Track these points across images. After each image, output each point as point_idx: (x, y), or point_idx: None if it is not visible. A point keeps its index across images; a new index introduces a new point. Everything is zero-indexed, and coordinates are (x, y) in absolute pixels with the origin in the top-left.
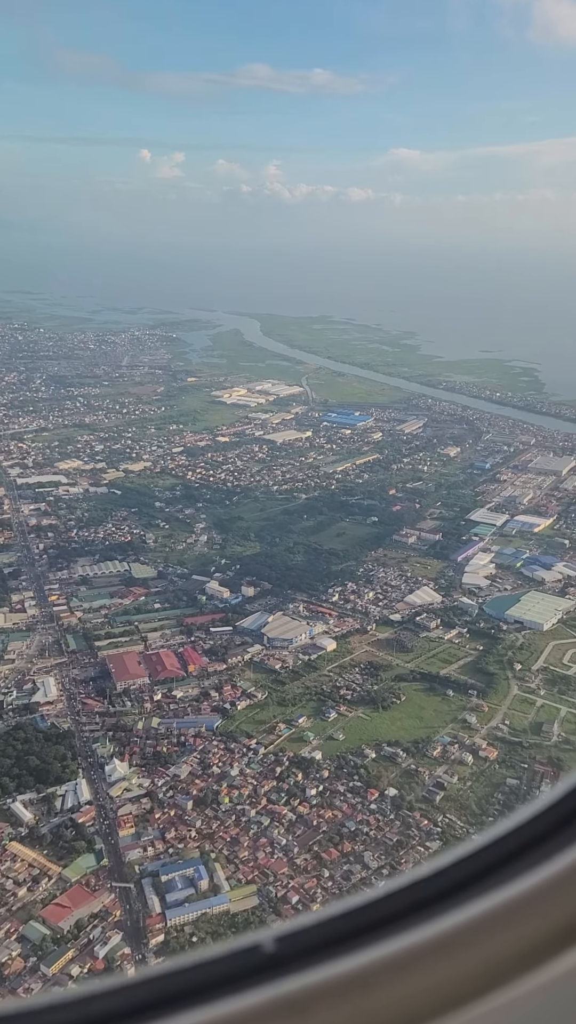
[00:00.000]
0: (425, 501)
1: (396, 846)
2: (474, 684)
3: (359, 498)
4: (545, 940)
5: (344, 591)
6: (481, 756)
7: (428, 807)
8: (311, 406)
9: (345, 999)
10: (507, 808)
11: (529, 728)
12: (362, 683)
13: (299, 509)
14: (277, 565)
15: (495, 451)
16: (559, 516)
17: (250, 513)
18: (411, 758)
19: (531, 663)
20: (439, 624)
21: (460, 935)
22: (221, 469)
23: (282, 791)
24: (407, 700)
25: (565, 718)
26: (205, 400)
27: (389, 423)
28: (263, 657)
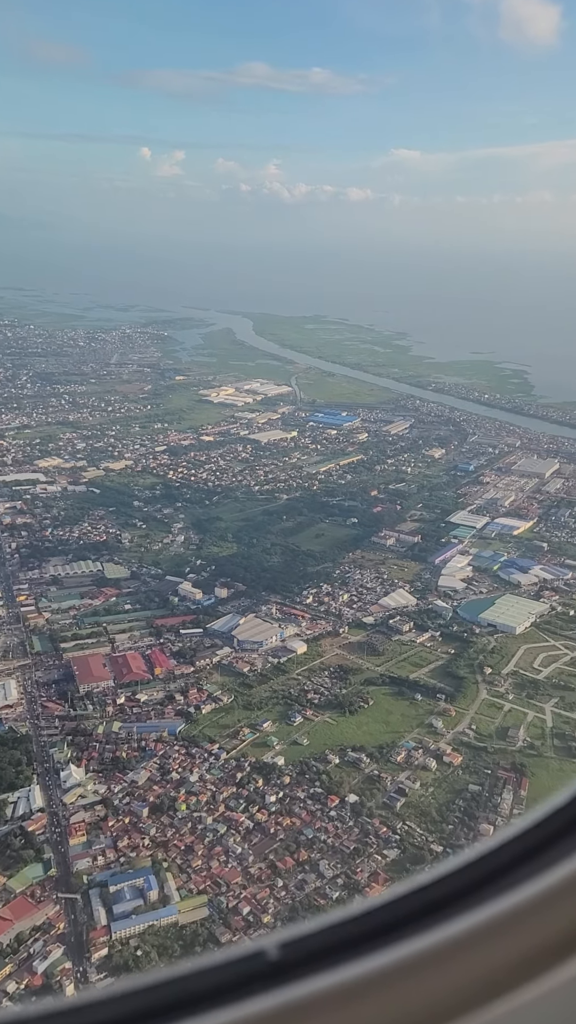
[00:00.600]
0: (407, 503)
1: (353, 854)
2: (443, 688)
3: (340, 499)
4: (545, 950)
5: (319, 593)
6: (445, 762)
7: (388, 814)
8: (298, 406)
9: (347, 1006)
10: (467, 815)
11: (495, 733)
12: (331, 687)
13: (279, 510)
14: (253, 566)
15: (480, 453)
16: (539, 519)
17: (230, 513)
18: (375, 763)
19: (502, 667)
20: (412, 627)
21: (460, 944)
22: (203, 468)
23: (241, 798)
24: (375, 704)
25: (532, 723)
26: (192, 399)
27: (376, 424)
28: (232, 660)
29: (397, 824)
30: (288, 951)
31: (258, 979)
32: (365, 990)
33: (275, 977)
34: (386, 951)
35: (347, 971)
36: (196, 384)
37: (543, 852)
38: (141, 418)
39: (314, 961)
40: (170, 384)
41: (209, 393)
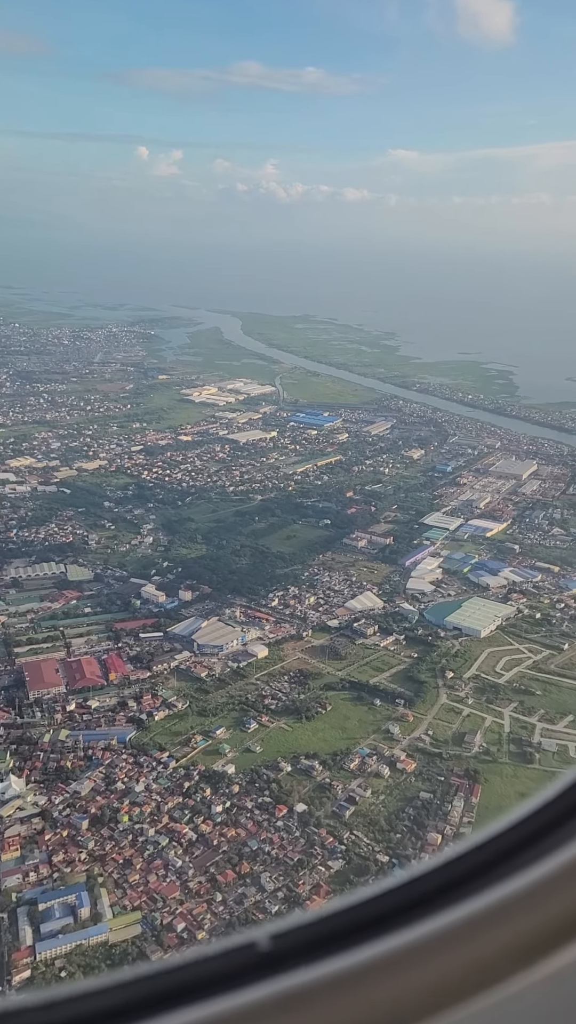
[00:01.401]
0: (381, 504)
1: (296, 866)
2: (403, 693)
3: (315, 500)
4: (540, 937)
5: (285, 596)
6: (398, 768)
7: (336, 823)
8: (280, 406)
9: (341, 996)
10: (416, 824)
11: (451, 738)
12: (289, 692)
13: (252, 511)
14: (220, 568)
15: (459, 454)
16: (513, 521)
17: (201, 514)
18: (327, 771)
19: (464, 671)
20: (376, 631)
21: (455, 933)
22: (179, 469)
23: (187, 808)
24: (333, 710)
25: (489, 727)
26: (174, 398)
27: (357, 424)
28: (190, 664)
29: (344, 834)
30: (281, 941)
31: (251, 969)
32: (360, 980)
33: (268, 967)
34: (381, 940)
35: (342, 960)
36: (179, 383)
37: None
38: (120, 417)
39: (309, 951)
40: (152, 383)
41: (191, 392)
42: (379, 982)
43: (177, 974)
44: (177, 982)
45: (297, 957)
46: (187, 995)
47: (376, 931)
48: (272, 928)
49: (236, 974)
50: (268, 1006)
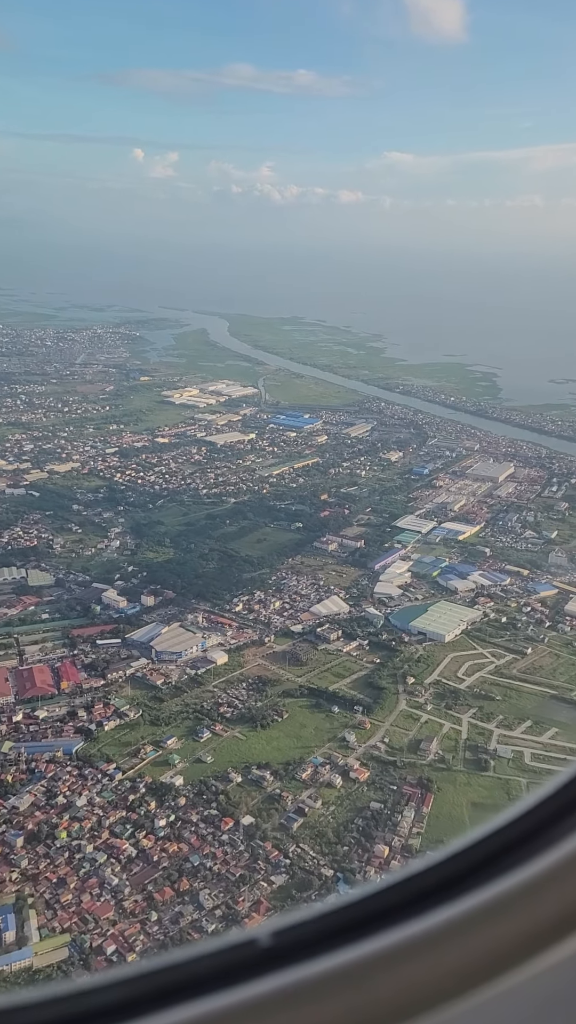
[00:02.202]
0: (356, 507)
1: (238, 882)
2: (361, 700)
3: (289, 503)
4: (539, 931)
5: (250, 600)
6: (351, 778)
7: (283, 836)
8: (262, 407)
9: (341, 992)
10: (364, 835)
11: (407, 746)
12: (246, 699)
13: (224, 514)
14: (186, 573)
15: (437, 456)
16: (487, 523)
17: (172, 517)
18: (278, 781)
19: (425, 676)
20: (340, 636)
21: (455, 927)
22: (153, 471)
23: (129, 822)
24: (289, 718)
25: (447, 734)
26: (154, 400)
27: (337, 426)
28: (147, 672)
29: (290, 847)
30: (282, 938)
31: (252, 965)
32: (360, 976)
33: (269, 963)
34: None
35: (342, 956)
36: (160, 385)
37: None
38: (97, 419)
39: (309, 947)
40: (133, 385)
41: (172, 394)
42: (380, 977)
43: (179, 970)
44: (179, 978)
45: (298, 953)
46: (189, 991)
47: (377, 926)
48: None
49: (237, 970)
50: (270, 1001)
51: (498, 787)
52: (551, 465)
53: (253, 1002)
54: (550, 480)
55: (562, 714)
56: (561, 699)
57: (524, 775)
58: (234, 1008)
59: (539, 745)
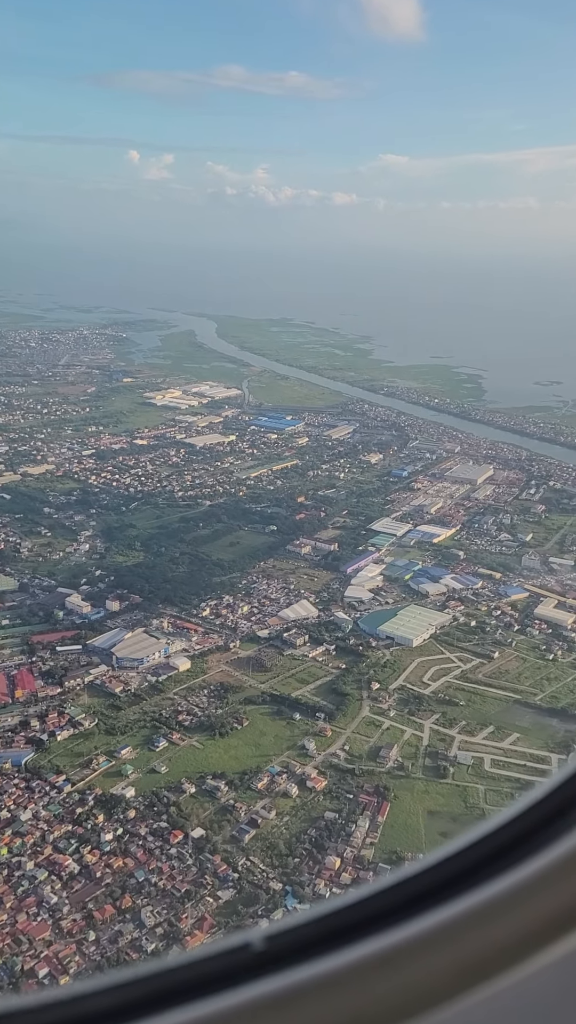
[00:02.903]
0: (332, 509)
1: (183, 898)
2: (324, 706)
3: (265, 505)
4: (533, 933)
5: (218, 605)
6: (308, 787)
7: (234, 848)
8: (244, 409)
9: (336, 996)
10: (316, 846)
11: (367, 754)
12: (206, 707)
13: (198, 516)
14: (155, 577)
15: (417, 458)
16: (463, 526)
17: (145, 520)
18: (233, 792)
19: (390, 682)
20: (307, 641)
21: (448, 930)
22: (128, 473)
23: (75, 837)
24: (249, 725)
25: (408, 741)
26: (136, 401)
27: (319, 428)
28: (106, 679)
29: (240, 860)
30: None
31: (245, 970)
32: (353, 979)
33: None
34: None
35: (335, 960)
36: (143, 386)
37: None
38: (76, 421)
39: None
40: (116, 386)
41: (154, 396)
42: (374, 980)
43: (172, 975)
44: (172, 982)
45: (292, 956)
46: (182, 995)
47: (370, 930)
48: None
49: (230, 974)
50: (264, 1006)
51: (456, 795)
52: (530, 467)
53: (247, 1006)
54: (528, 482)
55: (525, 719)
56: (525, 704)
57: (483, 782)
58: (228, 1012)
59: (500, 751)
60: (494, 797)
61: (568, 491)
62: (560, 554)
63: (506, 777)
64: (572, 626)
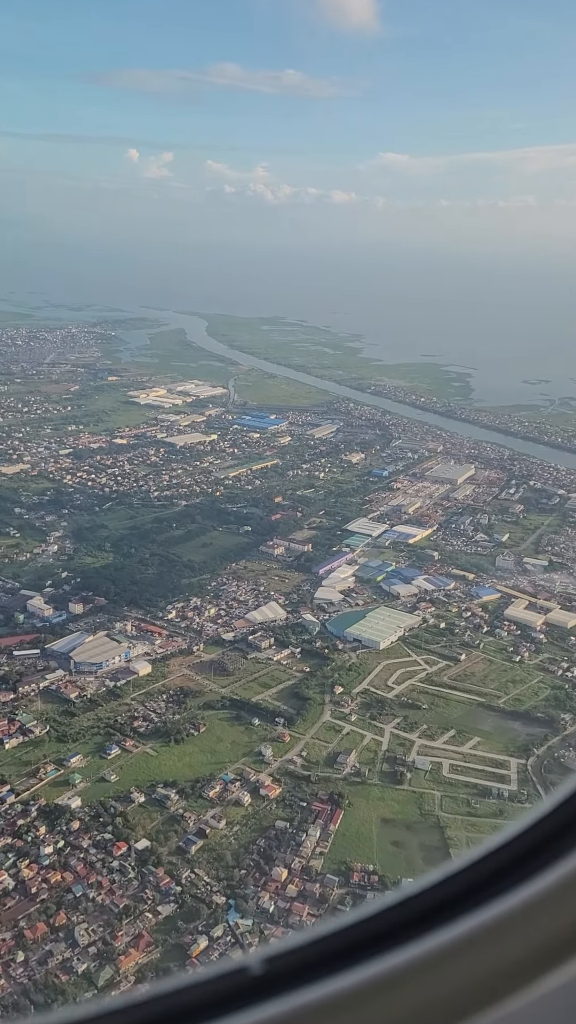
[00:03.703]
0: (309, 510)
1: (121, 914)
2: (285, 711)
3: (241, 506)
4: (538, 955)
5: (185, 607)
6: (261, 795)
7: (179, 860)
8: (229, 408)
9: (335, 1020)
10: (265, 857)
11: (324, 760)
12: (164, 712)
13: (173, 517)
14: (122, 579)
15: (399, 458)
16: (440, 527)
17: (117, 521)
18: (183, 800)
19: (354, 686)
20: (272, 644)
21: (450, 952)
22: (105, 473)
23: (13, 850)
24: (206, 731)
25: (367, 746)
26: (119, 400)
27: (302, 427)
28: (62, 684)
29: (184, 873)
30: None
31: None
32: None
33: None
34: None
35: (335, 983)
36: (128, 385)
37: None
38: (57, 419)
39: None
40: (100, 385)
41: (138, 394)
42: (375, 1004)
43: (170, 999)
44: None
45: (292, 980)
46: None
47: (371, 951)
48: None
49: (228, 999)
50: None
51: (411, 801)
52: (512, 467)
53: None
54: (509, 482)
55: (487, 722)
56: (488, 707)
57: (439, 788)
58: None
59: (459, 755)
60: (450, 804)
61: (548, 491)
62: (535, 555)
63: (463, 782)
64: (540, 627)
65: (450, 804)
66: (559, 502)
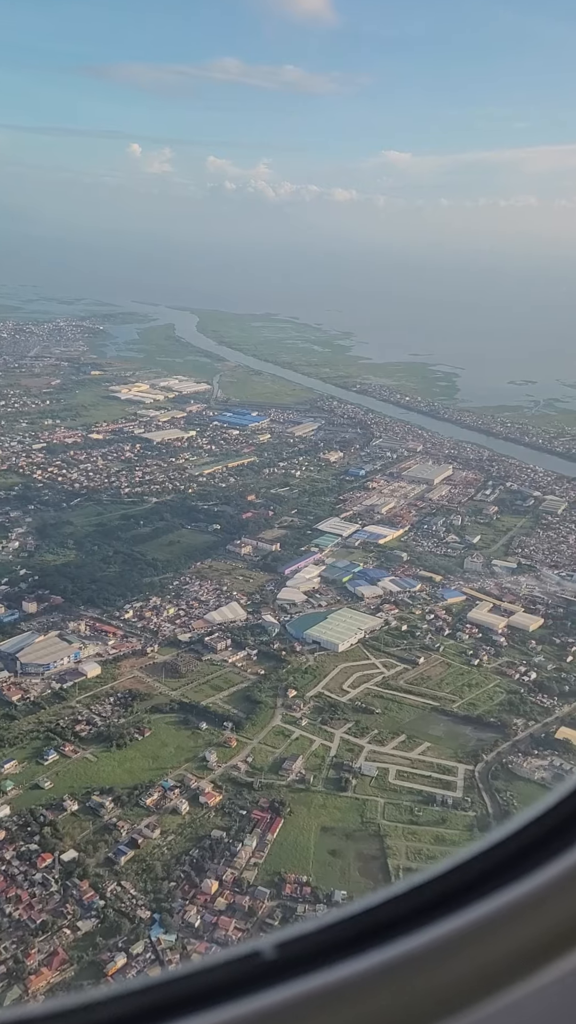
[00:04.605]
0: (281, 508)
1: (38, 930)
2: (234, 715)
3: (213, 504)
4: (542, 944)
5: (143, 607)
6: (200, 803)
7: (106, 872)
8: (211, 405)
9: (344, 1005)
10: (196, 868)
11: (270, 766)
12: (110, 716)
13: (141, 514)
14: (82, 577)
15: (377, 457)
16: (412, 527)
17: (84, 518)
18: (119, 809)
19: (308, 689)
20: (229, 645)
21: (457, 940)
22: (77, 468)
23: None
24: (151, 736)
25: (315, 751)
26: (100, 395)
27: (283, 425)
28: (4, 686)
29: (110, 886)
30: (286, 950)
31: (255, 978)
32: (362, 988)
33: (273, 976)
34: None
35: (345, 969)
36: (110, 380)
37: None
38: (34, 413)
39: (312, 960)
40: (82, 379)
41: (120, 389)
42: (382, 990)
43: (182, 983)
44: (182, 991)
45: (301, 965)
46: (192, 1004)
47: (379, 939)
48: (276, 937)
49: (240, 983)
50: (272, 1015)
51: (354, 809)
52: (490, 468)
53: (255, 1015)
54: (486, 483)
55: (439, 727)
56: (441, 711)
57: (384, 794)
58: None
59: (407, 761)
60: (392, 811)
61: (523, 492)
62: (504, 557)
63: (408, 789)
64: (502, 630)
65: (392, 812)
66: (533, 504)
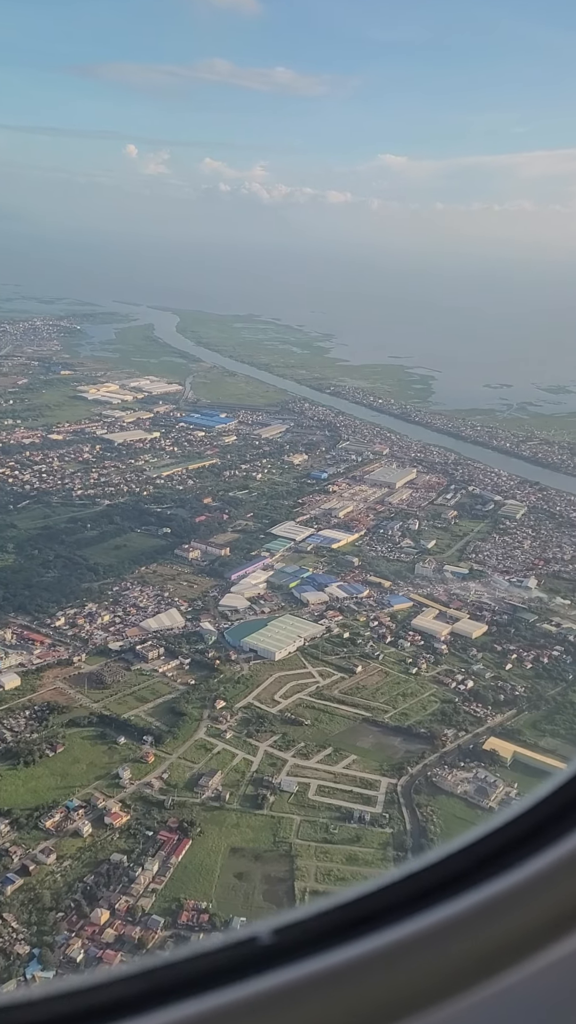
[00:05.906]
0: (237, 512)
1: None
2: (156, 728)
3: (167, 506)
4: (539, 929)
5: (77, 614)
6: (105, 824)
7: None
8: (180, 405)
9: (341, 989)
10: (88, 897)
11: (186, 782)
12: (22, 730)
13: (91, 517)
14: (17, 582)
15: (342, 460)
16: (368, 531)
17: (29, 521)
18: (15, 832)
19: (238, 700)
20: (161, 654)
21: (454, 926)
22: (31, 470)
23: None
24: (64, 751)
25: (236, 766)
26: (67, 395)
27: (251, 426)
28: None
29: None
30: (283, 935)
31: (252, 963)
32: (360, 973)
33: (270, 961)
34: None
35: (342, 954)
36: (80, 380)
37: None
38: None
39: (309, 945)
40: (50, 379)
41: (88, 389)
42: (380, 975)
43: (179, 968)
44: (179, 975)
45: (298, 950)
46: (189, 988)
47: (376, 924)
48: (272, 922)
49: (238, 967)
50: (270, 999)
51: (268, 827)
52: (454, 471)
53: (253, 999)
54: (448, 487)
55: (367, 739)
56: (372, 722)
57: (301, 811)
58: (234, 1005)
59: (330, 776)
60: (307, 830)
61: (484, 496)
62: (457, 562)
63: (327, 805)
64: (445, 638)
65: (307, 830)
66: (493, 508)
